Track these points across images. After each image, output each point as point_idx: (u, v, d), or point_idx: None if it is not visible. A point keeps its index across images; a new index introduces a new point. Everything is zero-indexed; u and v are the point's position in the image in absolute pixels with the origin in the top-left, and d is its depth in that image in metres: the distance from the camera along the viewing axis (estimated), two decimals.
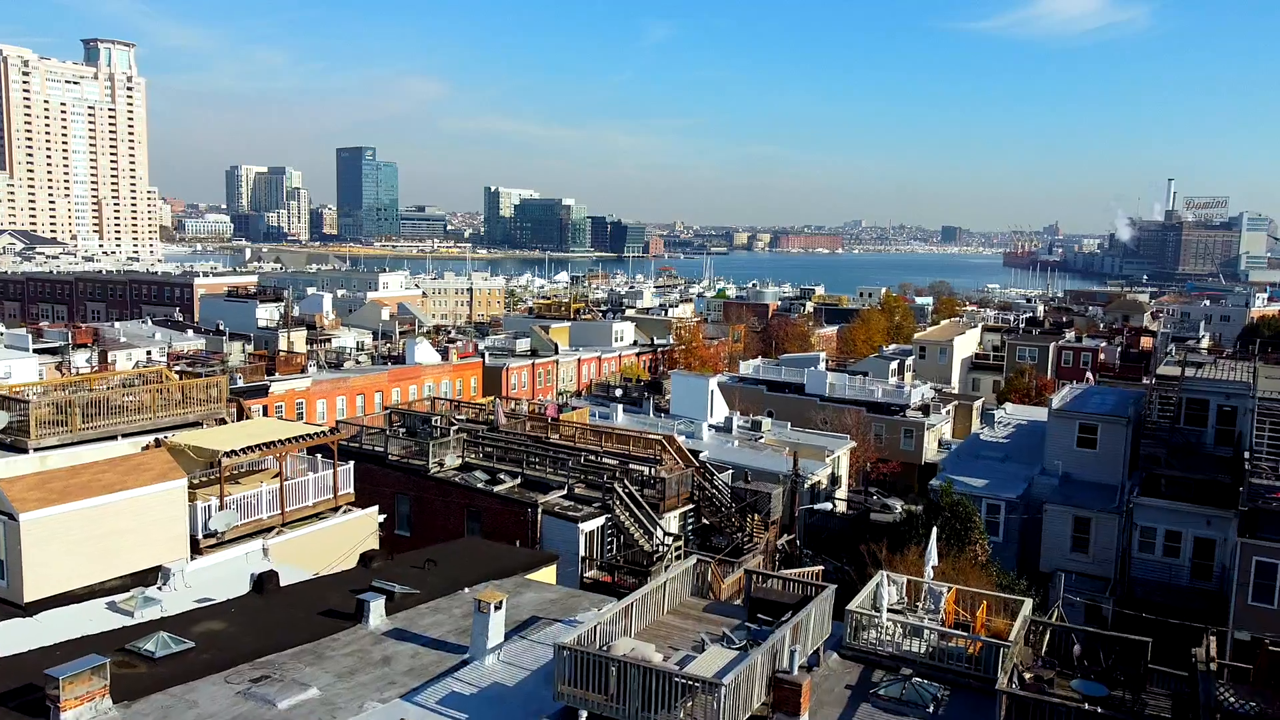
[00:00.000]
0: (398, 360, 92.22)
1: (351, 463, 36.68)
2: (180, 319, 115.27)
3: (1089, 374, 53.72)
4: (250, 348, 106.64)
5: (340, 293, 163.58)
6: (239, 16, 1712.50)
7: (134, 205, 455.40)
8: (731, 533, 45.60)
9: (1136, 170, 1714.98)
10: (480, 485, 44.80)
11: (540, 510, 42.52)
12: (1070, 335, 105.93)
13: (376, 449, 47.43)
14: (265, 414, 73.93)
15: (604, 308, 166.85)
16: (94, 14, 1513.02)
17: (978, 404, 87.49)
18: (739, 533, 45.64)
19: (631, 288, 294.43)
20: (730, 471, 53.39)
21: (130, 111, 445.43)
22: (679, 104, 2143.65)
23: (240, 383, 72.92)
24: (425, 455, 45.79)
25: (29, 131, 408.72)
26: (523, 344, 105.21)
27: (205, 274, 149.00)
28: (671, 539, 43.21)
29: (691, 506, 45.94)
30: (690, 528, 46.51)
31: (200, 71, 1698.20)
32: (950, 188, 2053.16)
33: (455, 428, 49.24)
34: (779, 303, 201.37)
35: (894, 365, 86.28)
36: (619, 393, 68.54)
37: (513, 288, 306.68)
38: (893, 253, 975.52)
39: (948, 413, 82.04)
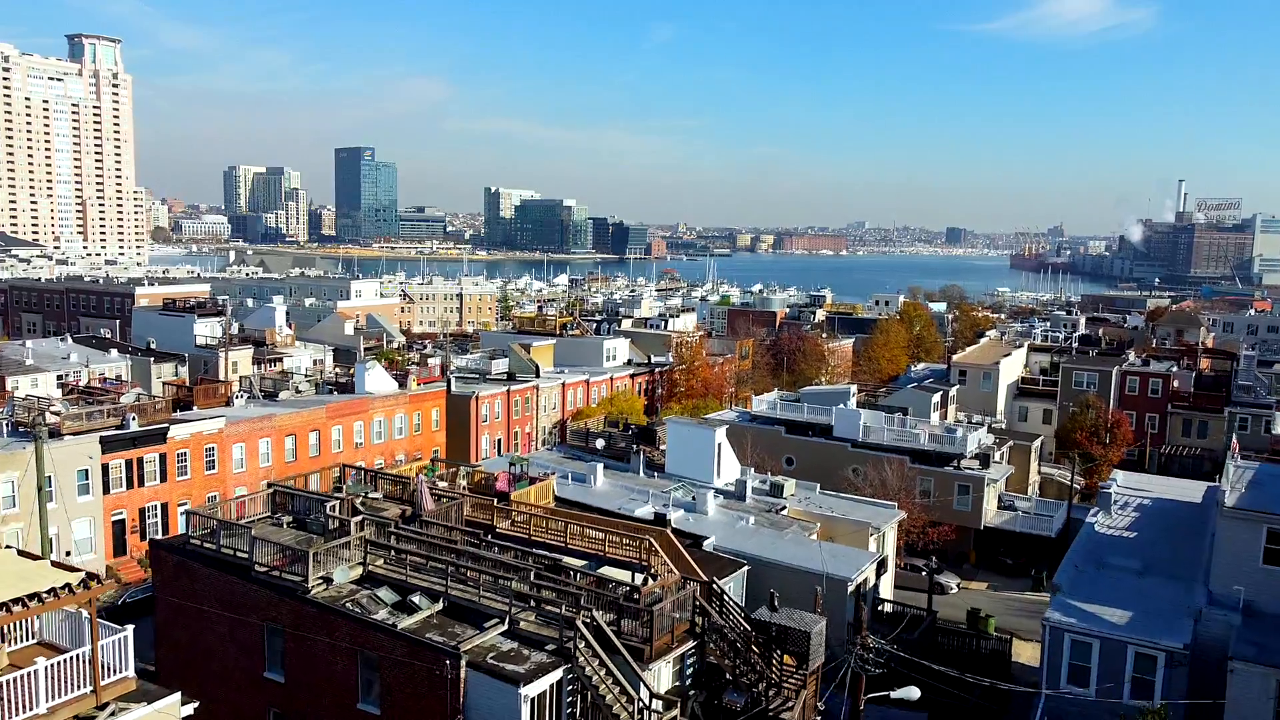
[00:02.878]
0: (345, 389, 77.90)
1: (130, 628, 22.29)
2: (108, 335, 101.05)
3: (1234, 440, 39.40)
4: (184, 370, 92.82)
5: (309, 301, 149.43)
6: (244, 18, 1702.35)
7: (120, 206, 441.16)
8: (752, 684, 31.27)
9: (1142, 171, 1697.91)
10: (382, 614, 30.49)
11: (464, 663, 28.19)
12: (1133, 357, 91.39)
13: (240, 554, 33.08)
14: (163, 465, 59.81)
15: (598, 318, 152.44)
16: (101, 14, 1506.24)
17: (1036, 444, 73.04)
18: (762, 682, 31.31)
19: (632, 292, 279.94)
20: (746, 568, 39.10)
21: (116, 109, 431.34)
22: (683, 105, 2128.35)
23: (134, 425, 58.68)
24: (305, 565, 31.48)
25: (9, 130, 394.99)
26: (499, 365, 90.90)
27: (149, 281, 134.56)
28: (663, 705, 28.92)
29: (693, 645, 31.57)
30: (691, 670, 32.17)
31: (206, 73, 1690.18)
32: (954, 189, 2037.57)
33: (360, 518, 34.87)
34: (787, 310, 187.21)
35: (936, 398, 71.84)
36: (600, 443, 54.31)
37: (510, 290, 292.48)
38: (897, 254, 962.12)
39: (1001, 456, 67.56)
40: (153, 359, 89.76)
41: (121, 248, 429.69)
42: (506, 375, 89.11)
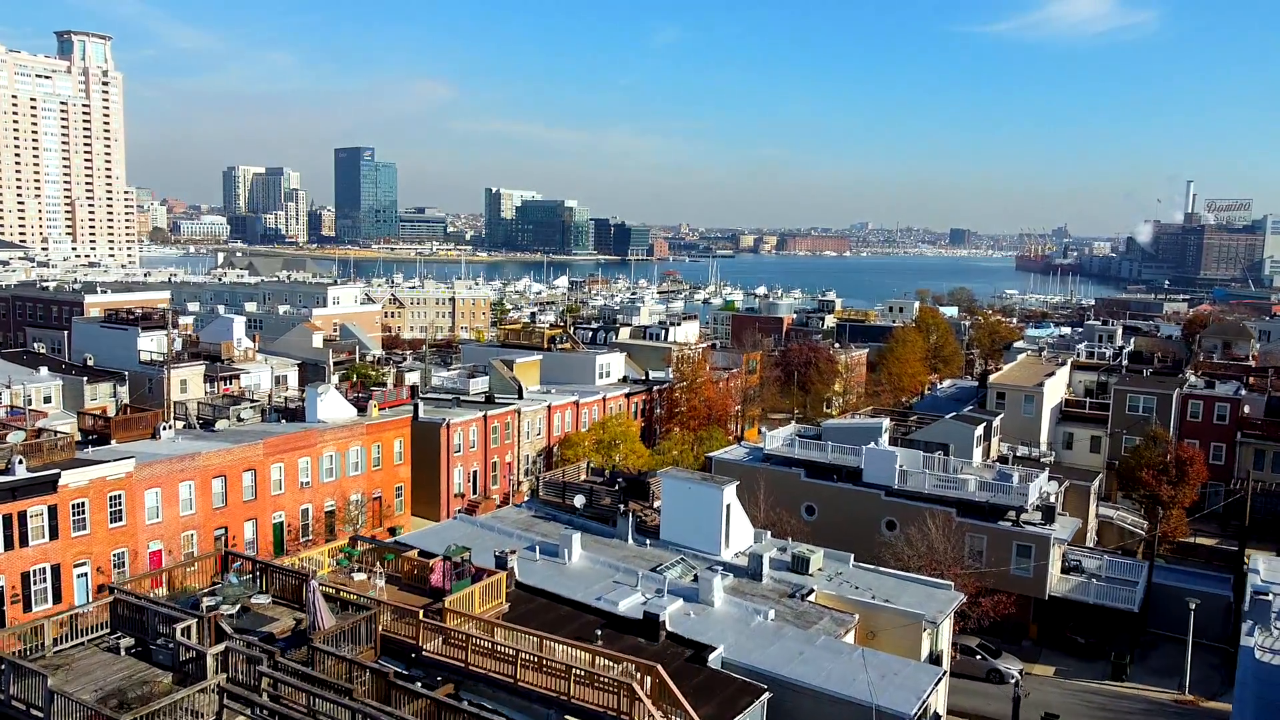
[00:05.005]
0: (296, 415, 67.75)
1: None
2: (42, 349, 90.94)
3: None
4: (124, 390, 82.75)
5: (284, 308, 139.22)
6: (250, 20, 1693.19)
7: (110, 206, 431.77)
8: None
9: (1149, 172, 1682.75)
10: None
11: None
12: (1192, 377, 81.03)
13: (34, 712, 22.84)
14: (54, 519, 49.54)
15: (594, 326, 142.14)
16: (106, 15, 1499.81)
17: (1095, 484, 62.66)
18: None
19: (632, 296, 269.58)
20: (766, 696, 28.85)
21: (106, 108, 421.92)
22: (686, 106, 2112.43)
23: (20, 470, 48.50)
24: None
25: None
26: (477, 385, 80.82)
27: (103, 288, 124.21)
28: None
29: None
30: None
31: (212, 74, 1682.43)
32: (958, 189, 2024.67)
33: (222, 646, 24.64)
34: (794, 316, 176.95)
35: (979, 430, 61.46)
36: (580, 500, 44.13)
37: (509, 293, 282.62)
38: (901, 255, 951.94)
39: (1057, 498, 57.22)
40: (86, 378, 79.55)
41: (111, 249, 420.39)
42: (485, 397, 78.99)
